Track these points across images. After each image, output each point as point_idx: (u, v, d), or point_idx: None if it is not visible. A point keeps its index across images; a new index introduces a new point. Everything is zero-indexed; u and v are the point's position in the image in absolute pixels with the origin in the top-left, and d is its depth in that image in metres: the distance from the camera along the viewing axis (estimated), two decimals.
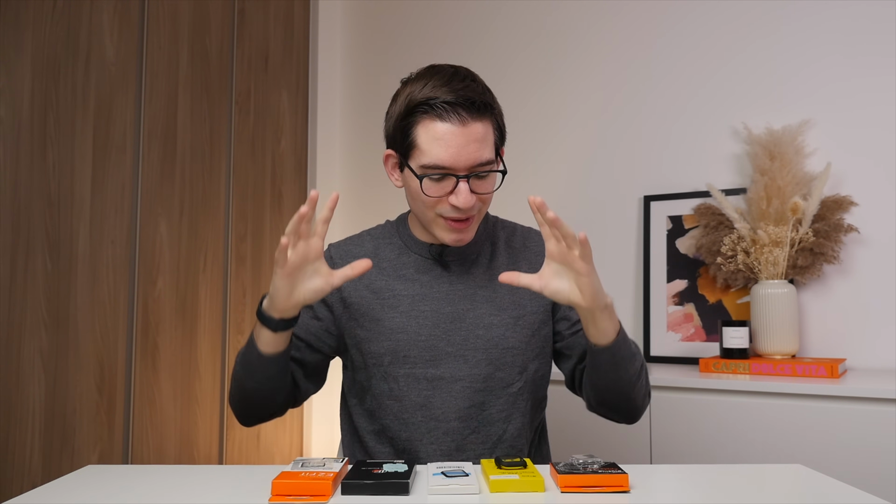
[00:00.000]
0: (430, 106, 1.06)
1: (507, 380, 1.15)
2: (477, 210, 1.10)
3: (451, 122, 1.05)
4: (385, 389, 1.15)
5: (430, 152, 1.06)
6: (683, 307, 1.94)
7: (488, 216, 1.24)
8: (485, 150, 1.07)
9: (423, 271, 1.17)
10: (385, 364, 1.14)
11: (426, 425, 1.13)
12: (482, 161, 1.06)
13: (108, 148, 1.90)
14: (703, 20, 2.02)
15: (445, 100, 1.05)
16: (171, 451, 2.03)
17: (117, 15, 1.93)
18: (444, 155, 1.05)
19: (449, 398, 1.13)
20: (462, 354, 1.13)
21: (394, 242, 1.21)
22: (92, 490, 0.88)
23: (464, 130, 1.05)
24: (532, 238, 1.25)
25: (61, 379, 1.78)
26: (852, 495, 0.84)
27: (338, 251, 1.21)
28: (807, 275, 1.77)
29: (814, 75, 1.86)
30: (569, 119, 2.21)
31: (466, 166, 1.06)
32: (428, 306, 1.15)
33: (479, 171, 1.07)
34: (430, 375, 1.13)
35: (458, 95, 1.05)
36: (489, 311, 1.15)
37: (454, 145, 1.05)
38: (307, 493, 0.82)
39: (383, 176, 2.56)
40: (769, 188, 1.76)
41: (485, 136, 1.07)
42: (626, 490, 0.85)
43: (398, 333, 1.14)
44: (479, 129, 1.06)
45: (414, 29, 2.51)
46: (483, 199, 1.10)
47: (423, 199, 1.09)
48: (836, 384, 1.44)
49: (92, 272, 1.85)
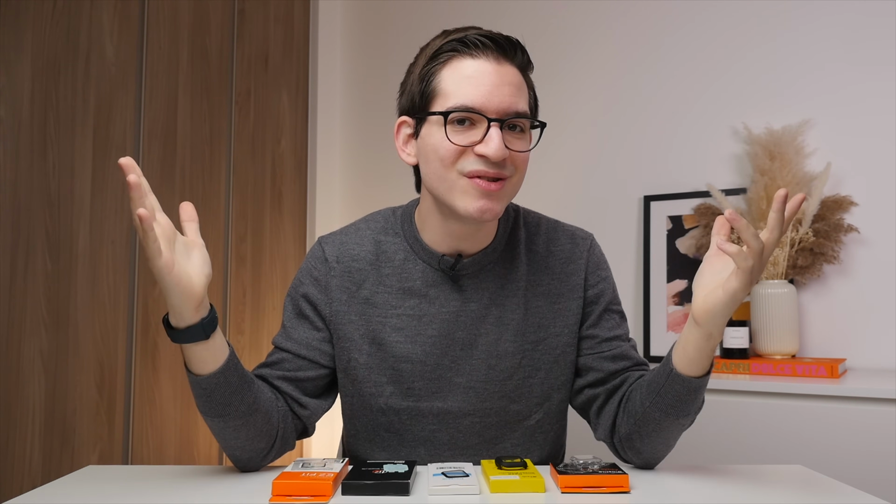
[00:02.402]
0: (462, 42, 0.91)
1: (525, 412, 1.02)
2: (510, 173, 0.92)
3: (484, 59, 0.90)
4: (383, 422, 1.02)
5: (458, 92, 0.90)
6: (683, 307, 1.94)
7: (509, 212, 1.06)
8: (521, 100, 0.91)
9: (432, 284, 1.00)
10: (385, 395, 1.00)
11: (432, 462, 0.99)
12: (518, 110, 0.91)
13: (108, 148, 1.90)
14: (703, 21, 2.02)
15: (479, 34, 0.91)
16: (171, 451, 2.02)
17: (117, 15, 1.93)
18: (474, 93, 0.89)
19: (457, 434, 1.00)
20: (472, 386, 1.00)
21: (398, 243, 1.03)
22: (92, 490, 0.88)
23: (498, 69, 0.90)
24: (558, 241, 1.06)
25: (61, 379, 1.77)
26: (852, 495, 0.84)
27: (334, 251, 1.03)
28: (807, 275, 1.77)
29: (814, 75, 1.86)
30: (569, 119, 2.21)
31: (499, 110, 0.89)
32: (436, 329, 1.00)
33: (514, 120, 0.91)
34: (436, 410, 1.00)
35: (493, 34, 0.92)
36: (504, 337, 1.00)
37: (486, 83, 0.89)
38: (307, 493, 0.82)
39: (383, 176, 2.56)
40: (769, 188, 1.76)
41: (520, 85, 0.92)
42: (627, 491, 0.85)
43: (402, 362, 0.99)
44: (516, 75, 0.92)
45: (414, 29, 2.51)
46: (517, 161, 0.92)
47: (444, 152, 0.90)
48: (836, 384, 1.44)
49: (92, 272, 1.85)
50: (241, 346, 2.26)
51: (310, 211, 2.54)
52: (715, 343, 0.87)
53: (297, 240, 2.50)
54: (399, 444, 1.02)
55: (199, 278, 0.83)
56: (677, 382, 0.90)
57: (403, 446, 1.02)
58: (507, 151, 0.90)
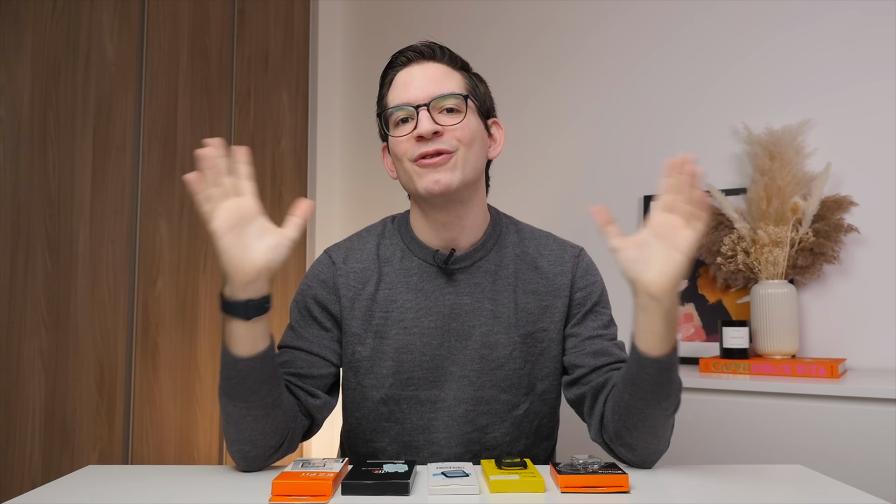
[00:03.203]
0: (391, 63, 1.07)
1: (514, 402, 1.08)
2: (452, 147, 1.01)
3: (409, 66, 1.06)
4: (384, 412, 1.07)
5: (394, 98, 1.05)
6: (683, 307, 1.94)
7: (500, 216, 1.15)
8: (445, 84, 1.04)
9: (427, 279, 1.08)
10: (386, 385, 1.06)
11: (428, 449, 1.07)
12: (443, 92, 1.03)
13: (108, 148, 1.90)
14: (703, 21, 2.02)
15: (403, 50, 1.07)
16: (171, 451, 2.03)
17: (117, 15, 1.93)
18: (402, 93, 1.04)
19: (451, 422, 1.06)
20: (466, 375, 1.06)
21: (395, 243, 1.12)
22: (92, 490, 0.88)
23: (420, 67, 1.05)
24: (548, 247, 1.13)
25: (61, 379, 1.77)
26: (852, 495, 0.84)
27: (340, 254, 1.12)
28: (807, 275, 1.77)
29: (814, 75, 1.86)
30: (569, 119, 2.21)
31: (425, 97, 1.02)
32: (432, 322, 1.07)
33: (440, 102, 1.02)
34: (432, 398, 1.06)
35: (417, 45, 1.06)
36: (496, 329, 1.07)
37: (410, 81, 1.04)
38: (307, 493, 0.82)
39: (383, 176, 2.56)
40: (769, 188, 1.76)
41: (445, 75, 1.05)
42: (627, 490, 0.85)
43: (402, 353, 1.06)
44: (439, 69, 1.05)
45: (414, 29, 2.51)
46: (457, 134, 1.02)
47: (397, 149, 1.04)
48: (836, 384, 1.44)
49: (92, 272, 1.85)
50: None
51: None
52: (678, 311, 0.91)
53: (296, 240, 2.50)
54: (398, 433, 1.07)
55: (255, 259, 0.89)
56: (648, 365, 0.92)
57: (403, 435, 1.07)
58: (435, 126, 1.00)
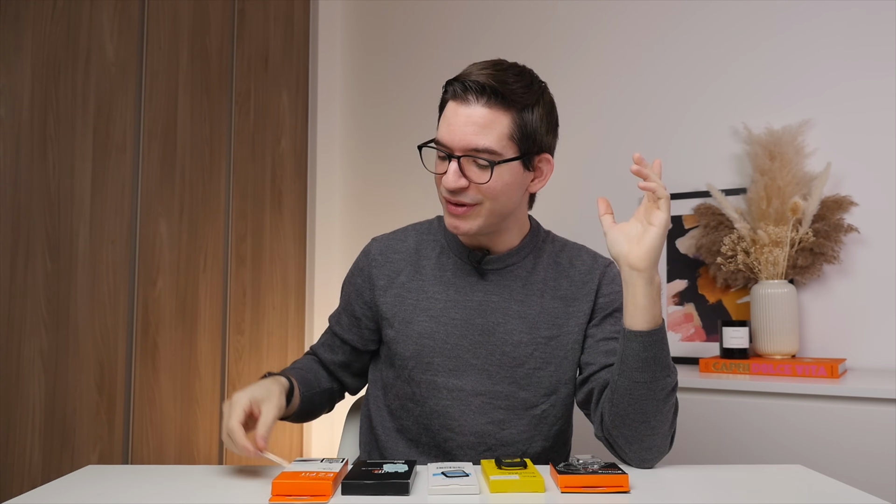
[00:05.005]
0: (452, 83, 1.05)
1: (532, 401, 1.10)
2: (474, 200, 1.04)
3: (457, 102, 1.03)
4: (408, 392, 1.13)
5: (440, 131, 1.05)
6: (683, 307, 1.94)
7: (540, 230, 1.19)
8: (483, 137, 1.01)
9: (460, 275, 1.14)
10: (409, 367, 1.12)
11: (442, 434, 1.11)
12: (476, 146, 1.01)
13: (108, 148, 1.90)
14: (703, 20, 2.02)
15: (465, 76, 1.03)
16: (171, 451, 2.03)
17: (117, 15, 1.93)
18: (443, 132, 1.04)
19: (468, 411, 1.10)
20: (486, 369, 1.10)
21: (437, 240, 1.18)
22: (92, 490, 0.88)
23: (465, 110, 1.02)
24: (581, 258, 1.17)
25: (61, 379, 1.78)
26: (852, 495, 0.84)
27: (379, 246, 1.19)
28: (807, 275, 1.77)
29: (814, 75, 1.86)
30: (569, 119, 2.21)
31: (460, 147, 1.02)
32: (459, 314, 1.12)
33: (472, 154, 1.01)
34: (451, 385, 1.10)
35: (472, 77, 1.02)
36: (520, 328, 1.11)
37: (452, 122, 1.03)
38: (307, 493, 0.82)
39: (383, 176, 2.56)
40: (769, 188, 1.76)
41: (488, 123, 1.01)
42: (626, 490, 0.85)
43: (425, 339, 1.12)
44: (482, 114, 1.01)
45: (414, 29, 2.51)
46: (483, 190, 1.03)
47: (435, 177, 1.08)
48: (836, 384, 1.44)
49: (92, 272, 1.85)
50: (240, 346, 2.26)
51: (310, 211, 2.54)
52: (658, 285, 0.96)
53: (297, 240, 2.50)
54: (420, 415, 1.13)
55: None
56: (633, 339, 0.96)
57: (422, 417, 1.13)
58: (459, 183, 1.02)
